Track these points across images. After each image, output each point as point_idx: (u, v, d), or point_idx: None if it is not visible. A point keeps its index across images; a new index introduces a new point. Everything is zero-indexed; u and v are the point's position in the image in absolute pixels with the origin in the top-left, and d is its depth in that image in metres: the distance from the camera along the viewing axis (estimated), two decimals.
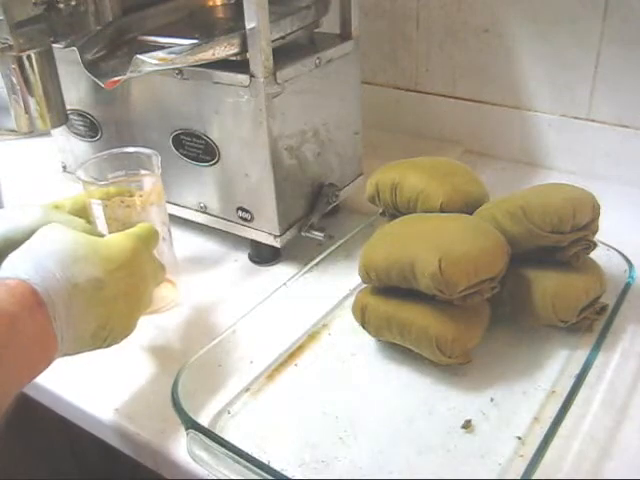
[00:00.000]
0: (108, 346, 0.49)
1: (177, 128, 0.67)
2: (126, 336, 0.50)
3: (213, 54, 0.58)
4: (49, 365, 0.44)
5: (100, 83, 0.60)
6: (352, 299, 0.58)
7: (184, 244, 0.72)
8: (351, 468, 0.46)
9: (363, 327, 0.56)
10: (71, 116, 0.74)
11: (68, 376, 0.56)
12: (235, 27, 0.60)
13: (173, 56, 0.57)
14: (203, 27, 0.70)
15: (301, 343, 0.58)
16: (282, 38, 0.62)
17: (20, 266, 0.44)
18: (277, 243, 0.65)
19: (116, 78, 0.59)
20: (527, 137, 0.86)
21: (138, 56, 0.56)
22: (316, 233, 0.67)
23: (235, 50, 0.58)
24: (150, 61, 0.56)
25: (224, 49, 0.58)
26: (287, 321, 0.58)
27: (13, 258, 0.45)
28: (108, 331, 0.47)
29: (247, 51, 0.58)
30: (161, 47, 0.60)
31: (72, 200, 0.59)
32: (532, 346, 0.55)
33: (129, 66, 0.57)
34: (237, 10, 0.61)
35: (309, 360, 0.56)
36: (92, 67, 0.62)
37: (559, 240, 0.53)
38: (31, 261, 0.44)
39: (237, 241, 0.70)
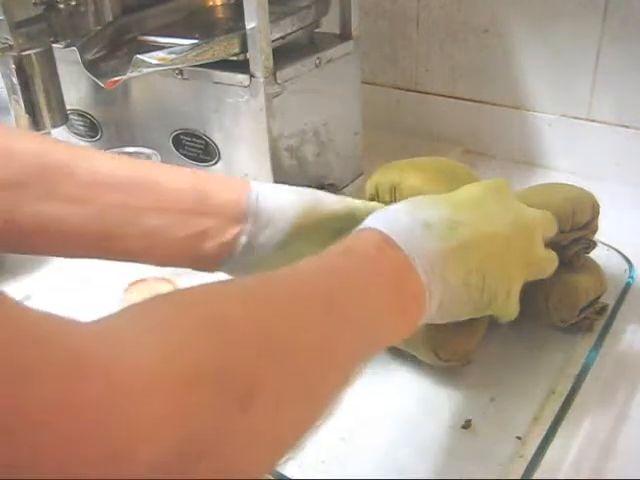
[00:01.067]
0: (490, 304, 0.42)
1: (177, 128, 0.67)
2: (507, 290, 0.42)
3: (213, 54, 0.58)
4: (413, 327, 0.39)
5: (100, 83, 0.60)
6: None
7: None
8: (351, 468, 0.46)
9: None
10: (71, 116, 0.74)
11: None
12: (235, 27, 0.60)
13: (173, 56, 0.57)
14: (203, 27, 0.70)
15: None
16: (282, 38, 0.62)
17: (369, 220, 0.41)
18: None
19: (116, 78, 0.59)
20: (527, 137, 0.86)
21: (138, 56, 0.56)
22: None
23: (235, 50, 0.58)
24: (150, 61, 0.56)
25: (224, 49, 0.58)
26: None
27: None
28: (479, 278, 0.40)
29: (247, 51, 0.58)
30: (161, 47, 0.60)
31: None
32: (532, 346, 0.55)
33: (129, 66, 0.57)
34: (237, 10, 0.61)
35: None
36: (92, 67, 0.62)
37: (559, 239, 0.53)
38: (381, 213, 0.42)
39: None
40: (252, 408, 0.26)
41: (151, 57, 0.57)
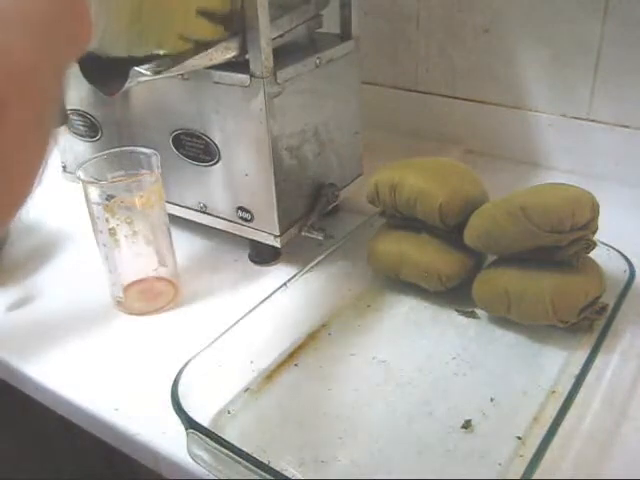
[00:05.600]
0: None
1: (177, 128, 0.67)
2: None
3: (211, 59, 0.58)
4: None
5: (103, 93, 0.59)
6: (352, 299, 0.58)
7: (184, 244, 0.72)
8: (351, 468, 0.46)
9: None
10: (71, 116, 0.74)
11: (68, 376, 0.56)
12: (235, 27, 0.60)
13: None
14: None
15: (301, 343, 0.58)
16: (281, 36, 0.62)
17: None
18: (277, 243, 0.65)
19: (116, 89, 0.59)
20: (527, 137, 0.86)
21: (135, 68, 0.56)
22: (316, 233, 0.67)
23: (233, 54, 0.58)
24: (147, 73, 0.56)
25: (222, 54, 0.58)
26: (287, 321, 0.58)
27: None
28: None
29: (246, 52, 0.58)
30: None
31: None
32: (532, 346, 0.55)
33: (129, 74, 0.56)
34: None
35: (309, 360, 0.56)
36: (93, 77, 0.61)
37: (558, 240, 0.53)
38: None
39: (237, 241, 0.70)
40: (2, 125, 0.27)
41: (148, 69, 0.56)
